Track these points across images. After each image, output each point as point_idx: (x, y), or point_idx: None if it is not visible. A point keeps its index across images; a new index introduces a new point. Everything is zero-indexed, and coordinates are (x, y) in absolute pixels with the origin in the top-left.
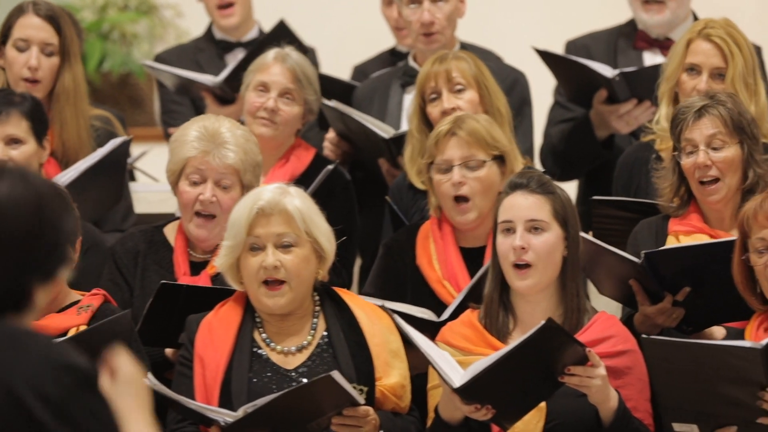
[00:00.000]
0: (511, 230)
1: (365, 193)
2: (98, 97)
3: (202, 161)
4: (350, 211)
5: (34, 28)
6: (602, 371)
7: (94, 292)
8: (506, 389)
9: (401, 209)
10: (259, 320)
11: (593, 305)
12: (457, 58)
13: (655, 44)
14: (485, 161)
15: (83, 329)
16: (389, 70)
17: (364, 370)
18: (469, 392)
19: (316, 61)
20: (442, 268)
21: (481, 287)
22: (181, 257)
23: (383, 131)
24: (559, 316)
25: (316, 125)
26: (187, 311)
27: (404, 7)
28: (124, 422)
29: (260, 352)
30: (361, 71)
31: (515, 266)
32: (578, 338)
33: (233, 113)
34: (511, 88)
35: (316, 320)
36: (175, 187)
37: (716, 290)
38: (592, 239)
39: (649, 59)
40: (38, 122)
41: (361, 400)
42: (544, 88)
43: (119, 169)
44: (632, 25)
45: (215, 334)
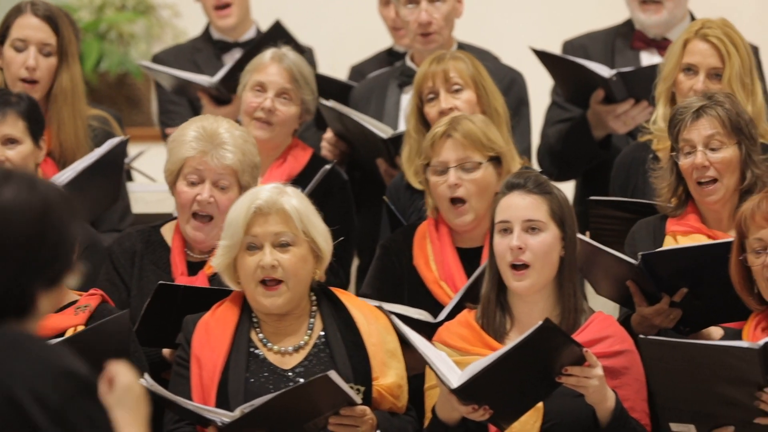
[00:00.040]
0: (508, 230)
1: (363, 193)
2: (95, 97)
3: (200, 161)
4: (347, 211)
5: (32, 28)
6: (599, 371)
7: (91, 292)
8: (504, 389)
9: (399, 209)
10: (255, 320)
11: (590, 305)
12: (454, 58)
13: (652, 44)
14: (481, 163)
15: (81, 329)
16: (386, 70)
17: (361, 369)
18: (466, 393)
19: (313, 61)
20: (439, 268)
21: (477, 287)
22: (178, 257)
23: (381, 131)
24: (556, 316)
25: (313, 125)
26: (184, 312)
27: (401, 7)
28: (120, 431)
29: (257, 352)
30: (358, 71)
31: (512, 266)
32: (575, 338)
33: (229, 113)
34: (508, 88)
35: (312, 320)
36: (172, 187)
37: (713, 291)
38: (589, 240)
39: (646, 59)
40: (34, 122)
41: (358, 399)
42: (541, 88)
43: (116, 169)
44: (629, 25)
45: (212, 334)
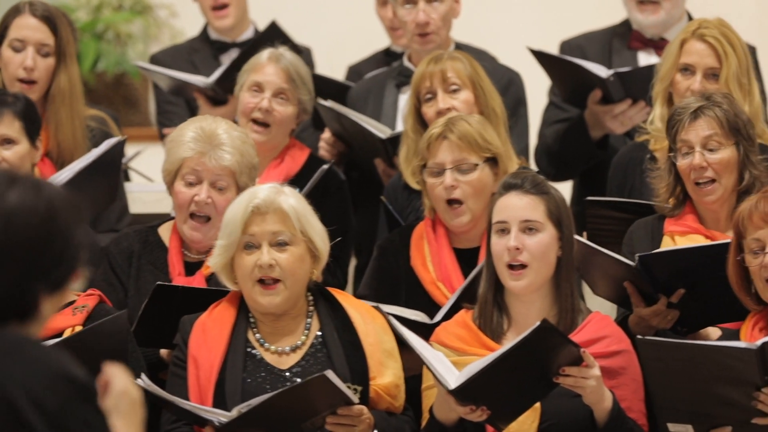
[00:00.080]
0: (505, 231)
1: (360, 193)
2: (93, 97)
3: (198, 162)
4: (345, 211)
5: (30, 28)
6: (597, 372)
7: (89, 292)
8: (501, 390)
9: (396, 209)
10: (252, 320)
11: (588, 305)
12: (452, 58)
13: (649, 44)
14: (477, 164)
15: (79, 330)
16: (384, 70)
17: (358, 369)
18: (464, 393)
19: (311, 61)
20: (436, 269)
21: (474, 288)
22: (175, 257)
23: (380, 131)
24: (553, 316)
25: (310, 125)
26: (182, 312)
27: (399, 7)
28: None
29: (254, 352)
30: (355, 71)
31: (509, 267)
32: (572, 338)
33: (226, 114)
34: (506, 88)
35: (309, 320)
36: (170, 187)
37: (711, 292)
38: (586, 242)
39: (643, 59)
40: (31, 122)
41: (355, 399)
42: (539, 88)
43: (114, 169)
44: (627, 25)
45: (209, 334)
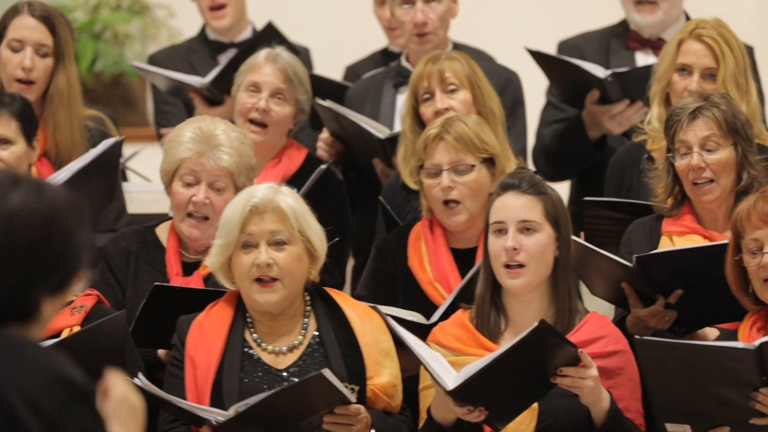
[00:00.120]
0: (502, 231)
1: (359, 193)
2: (90, 97)
3: (196, 163)
4: (343, 211)
5: (28, 28)
6: (594, 372)
7: (87, 292)
8: (499, 391)
9: (394, 209)
10: (250, 320)
11: (585, 305)
12: (450, 58)
13: (647, 45)
14: (474, 165)
15: (77, 330)
16: (382, 70)
17: (355, 369)
18: (462, 394)
19: (309, 61)
20: (433, 269)
21: (471, 288)
22: (173, 258)
23: (378, 131)
24: (550, 316)
25: (308, 125)
26: (180, 313)
27: (397, 7)
28: None
29: (251, 352)
30: (353, 71)
31: (507, 266)
32: (570, 338)
33: (222, 114)
34: (504, 88)
35: (306, 320)
36: (168, 187)
37: (708, 293)
38: (583, 243)
39: (641, 60)
40: (27, 122)
41: (352, 398)
42: (536, 88)
43: (112, 169)
44: (624, 25)
45: (206, 334)
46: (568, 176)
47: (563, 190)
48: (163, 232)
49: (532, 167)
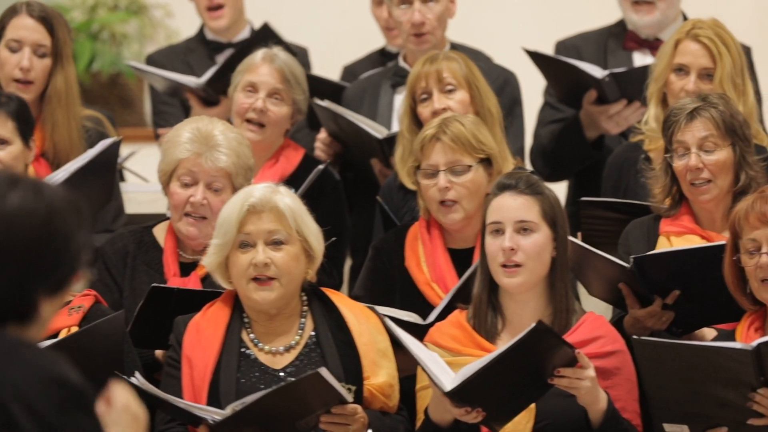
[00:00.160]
0: (500, 231)
1: (356, 193)
2: (88, 97)
3: (194, 163)
4: (340, 211)
5: (27, 29)
6: (591, 373)
7: (85, 292)
8: (496, 392)
9: (392, 209)
10: (247, 320)
11: (583, 306)
12: (447, 58)
13: (644, 45)
14: (471, 166)
15: (75, 330)
16: (379, 70)
17: (352, 369)
18: (459, 395)
19: (307, 61)
20: (430, 270)
21: (468, 288)
22: (170, 258)
23: (376, 131)
24: (547, 316)
25: (305, 125)
26: (177, 313)
27: (394, 7)
28: None
29: (248, 352)
30: (350, 72)
31: (503, 266)
32: (567, 339)
33: (218, 115)
34: (501, 88)
35: (303, 320)
36: (166, 187)
37: (705, 293)
38: (581, 243)
39: (638, 60)
40: (24, 123)
41: (349, 397)
42: (534, 88)
43: (110, 169)
44: (622, 25)
45: (203, 334)
46: (565, 176)
47: (560, 190)
48: (160, 232)
49: (529, 167)
